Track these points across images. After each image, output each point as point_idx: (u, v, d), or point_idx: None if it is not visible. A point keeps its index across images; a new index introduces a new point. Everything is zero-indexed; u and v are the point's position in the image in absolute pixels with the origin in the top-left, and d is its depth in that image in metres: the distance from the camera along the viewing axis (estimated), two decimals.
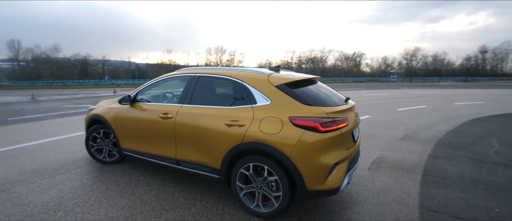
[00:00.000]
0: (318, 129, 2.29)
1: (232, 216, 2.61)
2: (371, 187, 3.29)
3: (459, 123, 7.38)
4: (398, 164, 4.11)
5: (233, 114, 2.65)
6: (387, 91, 21.39)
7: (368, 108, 10.41)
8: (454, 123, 7.35)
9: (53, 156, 4.29)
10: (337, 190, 2.36)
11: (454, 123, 7.43)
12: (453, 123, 7.42)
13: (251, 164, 2.53)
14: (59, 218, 2.55)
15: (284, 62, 69.23)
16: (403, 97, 15.60)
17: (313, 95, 2.63)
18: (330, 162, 2.30)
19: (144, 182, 3.33)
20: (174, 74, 3.38)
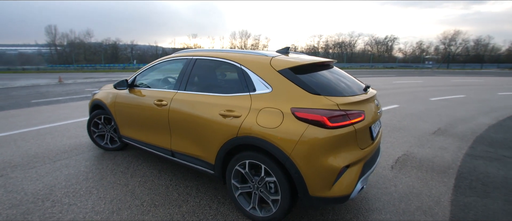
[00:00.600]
0: (325, 123, 1.87)
1: (225, 218, 2.32)
2: (392, 190, 2.82)
3: (504, 116, 6.43)
4: (427, 163, 3.55)
5: (229, 103, 2.30)
6: (421, 78, 19.75)
7: (397, 97, 9.53)
8: (498, 116, 6.42)
9: (60, 141, 4.27)
10: (347, 198, 1.95)
11: (497, 116, 6.49)
12: (496, 116, 6.48)
13: (247, 161, 2.18)
14: (45, 208, 2.42)
15: (310, 47, 67.03)
16: (438, 85, 14.22)
17: (324, 83, 2.19)
18: (339, 165, 1.88)
19: (141, 173, 3.15)
20: (172, 56, 3.07)
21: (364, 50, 62.70)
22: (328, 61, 2.60)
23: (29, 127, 5.12)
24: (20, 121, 5.65)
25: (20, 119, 5.89)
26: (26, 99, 9.03)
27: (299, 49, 68.38)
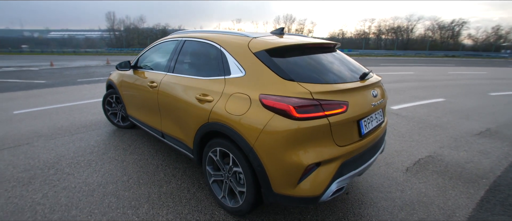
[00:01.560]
0: (291, 114, 1.63)
1: (198, 203, 2.27)
2: (396, 195, 2.44)
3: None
4: (456, 169, 2.99)
5: (205, 87, 2.18)
6: (487, 69, 16.94)
7: (446, 89, 8.31)
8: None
9: (85, 117, 4.69)
10: (316, 200, 1.72)
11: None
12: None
13: (218, 149, 2.07)
14: (48, 175, 2.67)
15: (360, 32, 62.22)
16: (508, 78, 12.00)
17: (304, 67, 1.92)
18: (305, 162, 1.64)
19: (139, 151, 3.27)
20: (168, 38, 3.05)
21: (424, 36, 55.66)
22: (327, 43, 2.28)
23: (66, 103, 5.74)
24: (61, 97, 6.39)
25: (62, 95, 6.65)
26: (74, 78, 10.18)
27: (348, 35, 64.08)
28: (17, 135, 3.76)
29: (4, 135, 3.75)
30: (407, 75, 12.30)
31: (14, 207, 2.17)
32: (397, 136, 4.02)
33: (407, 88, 8.34)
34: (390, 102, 6.23)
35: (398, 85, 8.90)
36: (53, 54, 37.28)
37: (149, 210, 2.17)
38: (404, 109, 5.69)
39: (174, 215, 2.12)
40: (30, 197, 2.30)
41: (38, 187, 2.46)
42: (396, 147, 3.58)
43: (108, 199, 2.31)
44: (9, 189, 2.42)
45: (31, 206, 2.19)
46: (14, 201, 2.24)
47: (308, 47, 2.13)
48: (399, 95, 7.15)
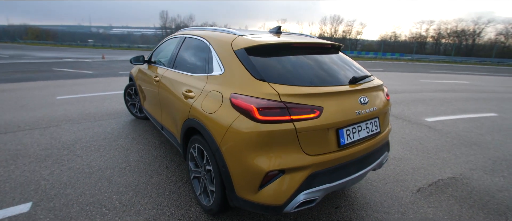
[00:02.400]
0: (253, 115, 1.54)
1: (179, 197, 2.29)
2: (394, 218, 2.16)
3: None
4: (482, 196, 2.55)
5: (191, 83, 2.20)
6: None
7: (504, 103, 7.16)
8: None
9: (112, 106, 5.11)
10: (279, 209, 1.60)
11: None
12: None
13: (196, 146, 2.06)
14: (61, 155, 2.97)
15: (416, 35, 56.95)
16: None
17: (282, 67, 1.80)
18: (264, 167, 1.54)
19: (145, 142, 3.45)
20: (175, 34, 3.15)
21: (495, 41, 48.41)
22: (323, 43, 2.13)
23: (101, 92, 6.33)
24: (99, 87, 7.06)
25: (101, 85, 7.35)
26: (116, 70, 11.17)
27: (403, 37, 59.09)
28: (52, 117, 4.26)
29: (42, 116, 4.29)
30: (459, 84, 10.91)
31: (24, 179, 2.45)
32: (421, 151, 3.57)
33: (454, 99, 7.39)
34: (425, 113, 5.59)
35: (444, 95, 7.94)
36: (111, 48, 41.60)
37: (132, 198, 2.26)
38: (440, 122, 5.04)
39: (152, 205, 2.18)
40: (39, 173, 2.58)
41: (49, 164, 2.75)
42: (414, 163, 3.19)
43: (101, 182, 2.47)
44: (26, 164, 2.74)
45: (37, 180, 2.45)
46: (26, 174, 2.54)
47: (295, 47, 2.00)
48: (440, 106, 6.37)
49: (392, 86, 9.40)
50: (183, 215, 2.09)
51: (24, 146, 3.16)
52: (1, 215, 1.98)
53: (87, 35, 71.74)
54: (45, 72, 9.67)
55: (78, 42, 55.59)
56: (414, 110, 5.88)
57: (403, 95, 7.55)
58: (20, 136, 3.44)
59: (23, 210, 2.04)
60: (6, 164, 2.72)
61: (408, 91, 8.33)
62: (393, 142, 3.86)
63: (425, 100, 7.01)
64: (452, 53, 44.77)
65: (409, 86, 9.53)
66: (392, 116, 5.28)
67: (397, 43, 57.96)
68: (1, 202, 2.13)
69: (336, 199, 2.37)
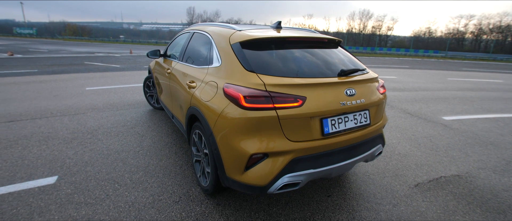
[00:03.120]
0: (240, 103, 1.70)
1: (182, 179, 2.52)
2: (385, 208, 2.22)
3: None
4: (484, 194, 2.50)
5: (194, 74, 2.40)
6: None
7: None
8: None
9: (134, 97, 5.52)
10: (263, 190, 1.74)
11: None
12: None
13: (197, 131, 2.26)
14: (85, 138, 3.33)
15: (453, 31, 53.11)
16: None
17: (271, 60, 1.93)
18: (249, 150, 1.69)
19: (159, 129, 3.73)
20: (186, 30, 3.37)
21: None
22: (313, 38, 2.21)
23: (126, 84, 6.81)
24: (125, 79, 7.58)
25: (127, 78, 7.87)
26: (142, 65, 11.79)
27: (439, 34, 55.43)
28: (80, 106, 4.72)
29: (72, 105, 4.76)
30: (491, 83, 10.20)
31: (52, 157, 2.82)
32: (429, 148, 3.51)
33: (480, 98, 6.99)
34: (444, 112, 5.39)
35: (471, 94, 7.52)
36: (140, 44, 43.61)
37: (142, 177, 2.53)
38: (459, 120, 4.84)
39: (158, 184, 2.42)
40: (65, 152, 2.94)
41: (75, 146, 3.11)
42: (419, 160, 3.16)
43: (117, 163, 2.76)
44: (56, 144, 3.13)
45: (63, 159, 2.80)
46: (54, 153, 2.91)
47: (289, 41, 2.11)
48: (463, 105, 6.08)
49: (415, 83, 9.04)
50: (184, 194, 2.30)
51: (54, 129, 3.58)
52: (32, 185, 2.32)
53: (119, 31, 75.79)
54: (78, 66, 10.51)
55: (110, 38, 58.96)
56: (433, 108, 5.68)
57: (424, 93, 7.27)
58: (52, 121, 3.89)
59: (50, 182, 2.38)
60: (39, 144, 3.12)
61: (431, 89, 7.98)
62: (402, 138, 3.82)
63: (448, 99, 6.70)
64: (491, 50, 41.38)
65: (434, 84, 9.10)
66: (407, 113, 5.15)
67: (432, 39, 54.56)
68: (33, 174, 2.49)
69: (329, 188, 2.47)
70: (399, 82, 9.10)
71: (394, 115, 4.98)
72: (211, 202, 2.19)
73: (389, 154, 3.27)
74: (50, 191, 2.24)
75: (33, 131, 3.49)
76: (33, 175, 2.48)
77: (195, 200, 2.21)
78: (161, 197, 2.23)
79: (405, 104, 5.86)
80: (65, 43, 34.26)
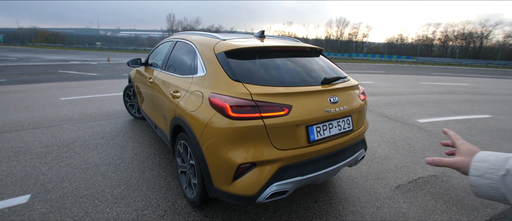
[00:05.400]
0: (227, 113, 1.69)
1: (167, 191, 2.44)
2: (369, 211, 2.28)
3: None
4: (459, 193, 2.64)
5: (178, 84, 2.37)
6: None
7: (500, 105, 7.18)
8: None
9: (113, 107, 5.32)
10: (251, 200, 1.73)
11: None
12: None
13: (182, 142, 2.22)
14: (61, 152, 3.15)
15: (422, 38, 56.56)
16: None
17: (256, 69, 1.95)
18: (237, 160, 1.68)
19: (141, 140, 3.62)
20: (168, 38, 3.33)
21: (504, 43, 47.56)
22: (290, 47, 2.25)
23: (104, 94, 6.56)
24: (103, 88, 7.30)
25: (104, 87, 7.59)
26: (120, 73, 11.43)
27: (410, 40, 58.70)
28: (54, 117, 4.47)
29: (45, 116, 4.50)
30: (458, 87, 10.91)
31: (24, 174, 2.63)
32: (407, 151, 3.67)
33: (450, 101, 7.43)
34: (418, 115, 5.67)
35: (441, 97, 7.98)
36: (118, 51, 42.28)
37: (124, 191, 2.42)
38: (432, 123, 5.12)
39: (142, 198, 2.33)
40: (39, 168, 2.76)
41: (49, 160, 2.93)
42: (398, 162, 3.29)
43: (96, 177, 2.64)
44: (28, 160, 2.93)
45: (37, 175, 2.63)
46: (26, 169, 2.72)
47: (273, 50, 2.14)
48: (435, 108, 6.43)
49: (391, 88, 9.46)
50: (169, 207, 2.24)
51: (26, 143, 3.36)
52: (1, 206, 2.15)
53: (95, 38, 73.10)
54: (51, 74, 9.99)
55: (86, 45, 56.69)
56: (408, 111, 5.96)
57: (399, 97, 7.62)
58: (23, 135, 3.65)
59: (22, 201, 2.22)
60: (9, 160, 2.91)
61: (405, 93, 8.38)
62: (382, 141, 3.96)
63: (421, 102, 7.07)
64: (457, 55, 44.39)
65: (408, 88, 9.57)
66: (385, 117, 5.37)
67: (404, 45, 57.71)
68: (2, 194, 2.31)
69: (316, 194, 2.50)
70: (376, 87, 9.49)
71: (373, 119, 5.17)
72: (198, 214, 2.15)
73: (371, 157, 3.38)
74: (22, 212, 2.09)
75: (1, 146, 3.26)
76: (2, 194, 2.31)
77: (181, 213, 2.16)
78: (146, 212, 2.15)
79: (382, 108, 6.11)
80: (37, 51, 32.49)
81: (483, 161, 0.63)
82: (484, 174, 0.62)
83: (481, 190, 0.63)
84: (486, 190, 0.62)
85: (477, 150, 0.68)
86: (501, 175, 0.59)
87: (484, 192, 0.62)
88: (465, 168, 0.67)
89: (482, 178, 0.62)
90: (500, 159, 0.61)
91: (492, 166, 0.61)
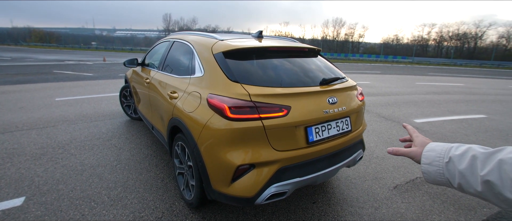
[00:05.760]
0: (225, 114, 1.68)
1: (164, 193, 2.42)
2: (367, 212, 2.28)
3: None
4: (456, 193, 2.66)
5: (175, 84, 2.34)
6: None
7: (495, 105, 7.26)
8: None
9: (109, 107, 5.27)
10: (250, 201, 1.72)
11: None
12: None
13: (180, 143, 2.20)
14: (56, 153, 3.11)
15: (418, 38, 57.10)
16: None
17: (254, 70, 1.94)
18: (235, 162, 1.67)
19: (137, 141, 3.59)
20: (165, 38, 3.30)
21: (497, 44, 48.17)
22: (288, 47, 2.24)
23: (99, 94, 6.49)
24: (98, 89, 7.23)
25: (100, 87, 7.51)
26: (116, 73, 11.33)
27: (405, 40, 59.28)
28: (49, 118, 4.42)
29: (40, 117, 4.44)
30: (454, 87, 11.01)
31: (18, 176, 2.59)
32: None
33: (446, 101, 7.50)
34: (415, 115, 5.71)
35: (437, 97, 8.04)
36: (114, 51, 41.95)
37: (120, 193, 2.40)
38: (429, 123, 5.15)
39: (138, 200, 2.31)
40: (33, 170, 2.72)
41: (44, 162, 2.89)
42: (396, 162, 3.30)
43: (92, 179, 2.60)
44: (22, 162, 2.88)
45: (31, 177, 2.59)
46: (21, 171, 2.68)
47: (271, 51, 2.13)
48: (431, 108, 6.48)
49: (388, 88, 9.51)
50: (167, 209, 2.22)
51: (20, 145, 3.31)
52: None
53: (90, 38, 72.46)
54: (46, 75, 9.87)
55: (81, 44, 56.11)
56: (405, 111, 5.99)
57: (396, 97, 7.66)
58: (17, 136, 3.59)
59: (16, 204, 2.18)
60: (2, 162, 2.86)
61: (402, 93, 8.44)
62: (379, 142, 3.98)
63: (417, 102, 7.12)
64: (452, 55, 44.86)
65: (404, 88, 9.63)
66: (382, 117, 5.39)
67: (399, 46, 58.22)
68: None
69: (314, 195, 2.50)
70: (373, 87, 9.53)
71: (370, 119, 5.19)
72: (196, 216, 2.13)
73: (368, 158, 3.39)
74: (17, 214, 2.05)
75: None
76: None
77: (179, 215, 2.14)
78: (143, 214, 2.13)
79: (379, 108, 6.13)
80: (31, 50, 32.12)
81: (432, 150, 0.72)
82: (432, 162, 0.70)
83: (431, 176, 0.70)
84: (434, 176, 0.70)
85: (428, 142, 0.77)
86: (445, 162, 0.67)
87: (433, 177, 0.70)
88: (417, 157, 0.76)
89: (431, 166, 0.70)
90: (445, 149, 0.69)
91: (438, 155, 0.69)
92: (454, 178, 0.65)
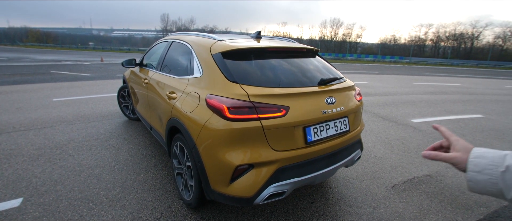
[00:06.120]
0: (224, 114, 1.68)
1: (163, 193, 2.42)
2: (366, 212, 2.29)
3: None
4: (453, 192, 2.68)
5: (174, 85, 2.34)
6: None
7: (491, 105, 7.31)
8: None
9: (107, 108, 5.25)
10: (249, 201, 1.72)
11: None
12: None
13: (178, 143, 2.20)
14: (54, 154, 3.10)
15: (415, 39, 57.46)
16: None
17: (253, 70, 1.94)
18: (234, 162, 1.67)
19: (136, 142, 3.58)
20: (163, 39, 3.30)
21: (494, 45, 48.55)
22: (286, 48, 2.24)
23: (97, 94, 6.47)
24: (96, 89, 7.20)
25: (98, 88, 7.48)
26: (114, 73, 11.29)
27: (403, 41, 59.59)
28: (47, 118, 4.40)
29: (37, 118, 4.42)
30: (450, 87, 11.08)
31: (16, 177, 2.58)
32: (402, 151, 3.71)
33: (443, 101, 7.54)
34: (412, 115, 5.74)
35: (434, 97, 8.09)
36: (112, 51, 41.78)
37: (119, 194, 2.39)
38: (426, 123, 5.18)
39: (137, 200, 2.31)
40: (31, 171, 2.70)
41: (42, 163, 2.88)
42: (393, 162, 3.32)
43: (91, 180, 2.60)
44: (20, 162, 2.87)
45: (29, 178, 2.57)
46: (18, 172, 2.67)
47: (269, 51, 2.14)
48: (428, 108, 6.52)
49: (385, 88, 9.55)
50: (165, 209, 2.21)
51: (18, 146, 3.29)
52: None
53: (88, 38, 72.18)
54: (43, 75, 9.82)
55: (78, 44, 55.86)
56: (402, 111, 6.02)
57: (393, 97, 7.70)
58: (14, 137, 3.57)
59: (14, 205, 2.17)
60: (0, 163, 2.84)
61: (399, 93, 8.48)
62: (377, 142, 4.00)
63: (415, 102, 7.16)
64: (448, 56, 45.15)
65: (401, 88, 9.68)
66: (380, 117, 5.42)
67: (397, 46, 58.56)
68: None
69: (312, 195, 2.51)
70: (371, 87, 9.57)
71: (368, 119, 5.21)
72: (195, 217, 2.13)
73: (366, 157, 3.41)
74: (14, 215, 2.04)
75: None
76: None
77: (177, 215, 2.14)
78: (141, 214, 2.12)
79: (377, 108, 6.16)
80: (28, 51, 31.92)
81: (481, 157, 0.65)
82: (483, 170, 0.64)
83: (479, 185, 0.65)
84: (483, 185, 0.64)
85: (471, 147, 0.70)
86: (500, 172, 0.61)
87: (481, 186, 0.64)
88: (462, 164, 0.68)
89: (481, 174, 0.64)
90: (498, 156, 0.63)
91: (491, 163, 0.63)
92: (510, 190, 0.60)
